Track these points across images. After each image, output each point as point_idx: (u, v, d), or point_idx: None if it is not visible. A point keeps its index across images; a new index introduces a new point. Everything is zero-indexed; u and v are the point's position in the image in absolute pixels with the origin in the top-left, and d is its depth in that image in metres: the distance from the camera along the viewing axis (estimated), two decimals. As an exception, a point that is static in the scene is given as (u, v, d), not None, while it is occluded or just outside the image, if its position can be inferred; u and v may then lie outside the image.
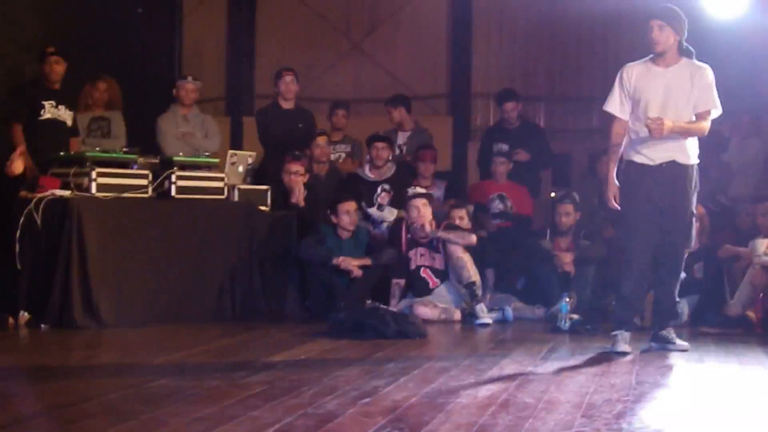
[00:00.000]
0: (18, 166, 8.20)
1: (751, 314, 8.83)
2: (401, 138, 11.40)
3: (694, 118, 7.21)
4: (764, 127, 10.70)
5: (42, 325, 8.15)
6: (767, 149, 10.75)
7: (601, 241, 10.01)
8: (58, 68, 9.37)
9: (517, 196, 10.78)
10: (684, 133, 7.18)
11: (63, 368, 6.57)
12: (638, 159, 7.29)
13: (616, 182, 7.35)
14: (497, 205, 10.71)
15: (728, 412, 5.32)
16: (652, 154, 7.23)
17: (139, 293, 8.63)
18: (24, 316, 8.25)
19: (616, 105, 7.36)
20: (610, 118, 7.42)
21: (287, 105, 10.82)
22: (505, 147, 11.02)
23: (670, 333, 7.47)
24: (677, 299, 7.52)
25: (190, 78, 10.49)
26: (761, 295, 8.86)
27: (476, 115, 14.14)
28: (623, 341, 7.27)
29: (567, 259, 9.69)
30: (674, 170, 7.24)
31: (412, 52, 14.18)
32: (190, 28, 13.87)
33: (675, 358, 7.10)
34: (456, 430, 4.63)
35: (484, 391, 5.66)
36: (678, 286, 7.48)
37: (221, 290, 9.11)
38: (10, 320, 8.22)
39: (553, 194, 10.70)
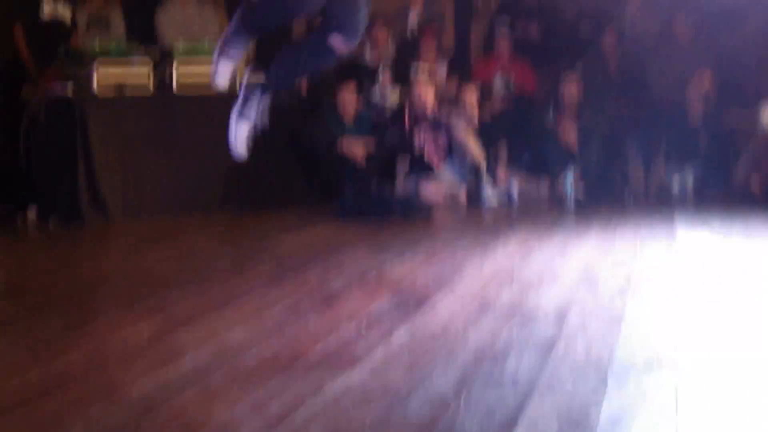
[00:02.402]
0: None
1: (754, 182, 8.69)
2: (412, 17, 11.22)
3: None
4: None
5: (51, 221, 8.20)
6: None
7: (605, 115, 9.98)
8: (54, -38, 9.29)
9: (520, 72, 10.66)
10: None
11: (72, 258, 6.64)
12: None
13: None
14: (499, 88, 10.59)
15: (732, 276, 5.36)
16: None
17: (145, 184, 8.63)
18: (33, 212, 8.30)
19: None
20: None
21: None
22: (507, 19, 10.84)
23: None
24: None
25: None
26: (763, 162, 8.77)
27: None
28: None
29: (571, 133, 9.64)
30: None
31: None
32: None
33: (679, 225, 7.12)
34: (460, 301, 4.67)
35: (489, 263, 5.71)
36: None
37: (228, 178, 9.09)
38: (20, 217, 8.28)
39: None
